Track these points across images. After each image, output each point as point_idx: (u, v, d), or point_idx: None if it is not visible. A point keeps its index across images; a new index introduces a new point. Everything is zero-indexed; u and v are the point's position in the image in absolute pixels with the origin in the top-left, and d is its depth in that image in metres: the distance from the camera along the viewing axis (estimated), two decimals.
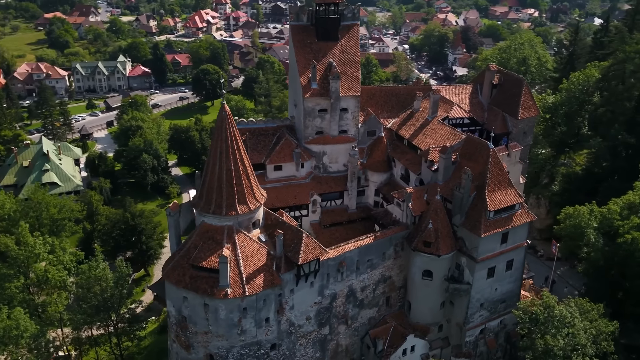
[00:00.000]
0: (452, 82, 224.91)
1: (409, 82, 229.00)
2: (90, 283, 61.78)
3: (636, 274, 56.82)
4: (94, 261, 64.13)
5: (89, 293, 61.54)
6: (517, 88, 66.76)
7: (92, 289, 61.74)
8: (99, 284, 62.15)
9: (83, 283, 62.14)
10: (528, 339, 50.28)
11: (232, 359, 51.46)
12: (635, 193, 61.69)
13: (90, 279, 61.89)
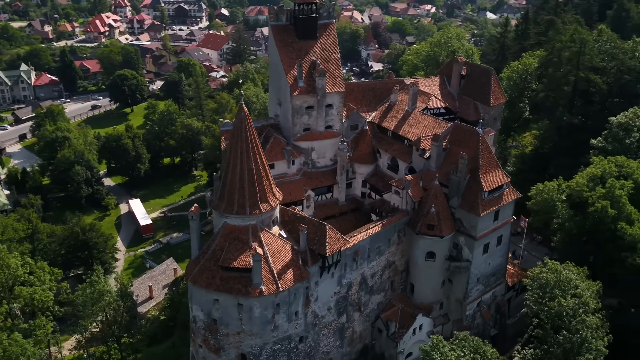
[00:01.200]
0: (369, 77, 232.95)
1: None
2: (95, 298, 59.37)
3: (608, 238, 63.73)
4: (96, 275, 61.61)
5: (94, 308, 59.11)
6: (485, 78, 72.16)
7: (98, 304, 59.37)
8: (103, 298, 59.91)
9: (88, 299, 59.55)
10: (539, 304, 55.22)
11: (265, 356, 52.08)
12: (596, 167, 68.90)
13: (94, 293, 59.47)
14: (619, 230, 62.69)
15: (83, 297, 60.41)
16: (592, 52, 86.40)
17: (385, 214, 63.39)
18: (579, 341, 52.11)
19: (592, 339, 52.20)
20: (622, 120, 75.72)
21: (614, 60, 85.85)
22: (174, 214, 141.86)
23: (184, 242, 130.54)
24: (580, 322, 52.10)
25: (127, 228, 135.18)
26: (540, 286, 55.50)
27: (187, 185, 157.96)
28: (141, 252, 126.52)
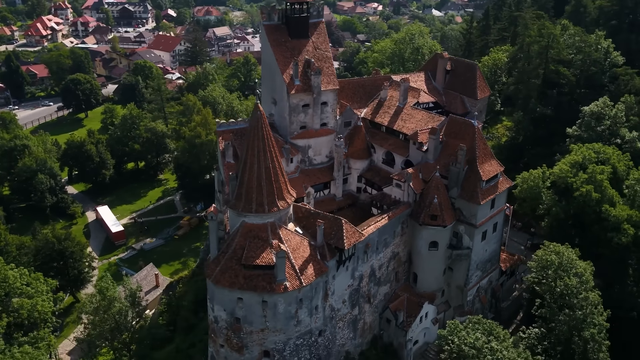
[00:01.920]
0: None
1: None
2: (106, 305, 58.21)
3: (593, 220, 67.84)
4: (104, 282, 60.37)
5: (105, 315, 57.94)
6: (470, 72, 75.10)
7: (109, 311, 58.24)
8: (113, 305, 58.83)
9: (100, 306, 58.29)
10: (544, 285, 58.30)
11: (288, 351, 52.81)
12: (576, 154, 73.05)
13: (105, 300, 58.32)
14: (603, 212, 66.87)
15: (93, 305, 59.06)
16: (559, 46, 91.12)
17: (387, 207, 65.08)
18: (582, 317, 55.50)
19: (594, 314, 55.68)
20: (594, 109, 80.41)
21: (580, 53, 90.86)
22: (144, 219, 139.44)
23: (157, 248, 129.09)
24: (583, 299, 55.47)
25: (97, 236, 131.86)
26: (545, 267, 58.58)
27: (154, 189, 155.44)
28: (115, 260, 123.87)
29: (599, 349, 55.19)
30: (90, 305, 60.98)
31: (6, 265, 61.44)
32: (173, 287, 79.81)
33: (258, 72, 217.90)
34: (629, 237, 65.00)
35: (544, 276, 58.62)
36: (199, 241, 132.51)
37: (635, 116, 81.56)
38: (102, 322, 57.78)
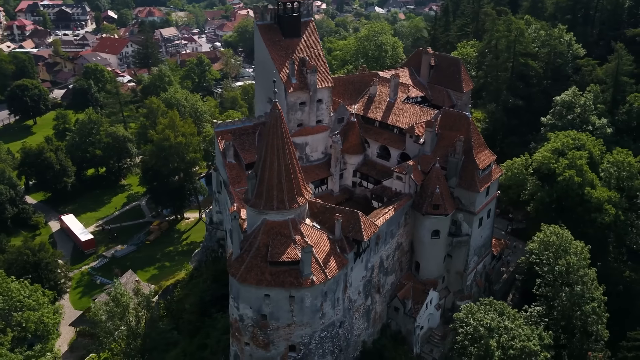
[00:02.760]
0: None
1: (240, 77, 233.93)
2: (122, 312, 57.16)
3: (577, 202, 72.33)
4: (118, 288, 59.24)
5: (121, 322, 56.92)
6: (455, 67, 78.12)
7: (124, 317, 57.25)
8: (128, 311, 57.86)
9: (115, 312, 57.17)
10: (545, 265, 61.81)
11: (314, 344, 53.81)
12: (555, 141, 77.51)
13: (120, 306, 57.28)
14: (585, 195, 71.50)
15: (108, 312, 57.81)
16: (526, 40, 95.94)
17: (388, 199, 67.02)
18: (581, 292, 59.37)
19: (592, 289, 59.68)
20: (566, 98, 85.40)
21: (546, 46, 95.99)
22: (112, 226, 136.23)
23: (130, 254, 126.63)
24: (582, 275, 59.35)
25: (65, 246, 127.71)
26: (547, 247, 62.14)
27: (117, 195, 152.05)
28: (87, 270, 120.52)
29: (599, 321, 59.18)
30: (103, 312, 59.63)
31: (7, 277, 59.22)
32: (170, 291, 78.76)
33: (212, 73, 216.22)
34: (611, 217, 69.78)
35: (545, 256, 62.03)
36: (171, 245, 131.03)
37: (602, 104, 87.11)
38: (115, 329, 56.67)
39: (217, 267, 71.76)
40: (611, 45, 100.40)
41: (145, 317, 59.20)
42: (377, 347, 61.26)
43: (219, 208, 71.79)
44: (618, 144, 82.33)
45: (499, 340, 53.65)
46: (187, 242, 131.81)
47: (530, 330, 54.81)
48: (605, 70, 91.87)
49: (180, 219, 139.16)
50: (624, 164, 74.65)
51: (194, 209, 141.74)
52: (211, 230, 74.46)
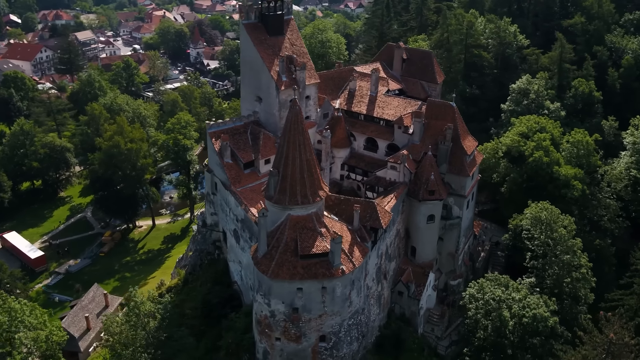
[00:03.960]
0: (207, 75, 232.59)
1: (168, 79, 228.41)
2: (140, 322, 55.45)
3: (547, 180, 78.25)
4: (137, 297, 57.31)
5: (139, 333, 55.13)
6: (427, 59, 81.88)
7: (146, 327, 55.59)
8: (146, 320, 56.23)
9: (135, 322, 55.30)
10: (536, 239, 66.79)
11: (343, 332, 55.40)
12: (521, 124, 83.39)
13: (140, 316, 55.60)
14: (554, 173, 77.66)
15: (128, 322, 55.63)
16: (476, 32, 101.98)
17: (384, 189, 69.61)
18: (569, 261, 64.94)
19: (580, 257, 65.44)
20: (521, 86, 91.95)
21: (496, 38, 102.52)
22: (60, 241, 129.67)
23: (85, 268, 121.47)
24: (571, 245, 64.92)
25: (11, 265, 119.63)
26: (539, 223, 67.19)
27: (58, 209, 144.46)
28: (41, 288, 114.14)
29: (586, 285, 65.01)
30: (120, 324, 57.38)
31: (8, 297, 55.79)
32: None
33: (140, 76, 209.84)
34: (579, 191, 76.40)
35: (536, 231, 67.05)
36: (128, 255, 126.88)
37: (551, 89, 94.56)
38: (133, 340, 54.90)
39: (217, 268, 71.32)
40: (548, 36, 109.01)
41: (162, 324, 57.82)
42: (394, 330, 63.64)
43: (214, 210, 71.21)
44: (568, 126, 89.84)
45: (511, 311, 57.77)
46: (145, 250, 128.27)
47: (536, 298, 59.42)
48: (550, 59, 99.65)
49: (132, 227, 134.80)
50: (582, 143, 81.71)
51: (146, 216, 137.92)
52: (205, 232, 73.63)
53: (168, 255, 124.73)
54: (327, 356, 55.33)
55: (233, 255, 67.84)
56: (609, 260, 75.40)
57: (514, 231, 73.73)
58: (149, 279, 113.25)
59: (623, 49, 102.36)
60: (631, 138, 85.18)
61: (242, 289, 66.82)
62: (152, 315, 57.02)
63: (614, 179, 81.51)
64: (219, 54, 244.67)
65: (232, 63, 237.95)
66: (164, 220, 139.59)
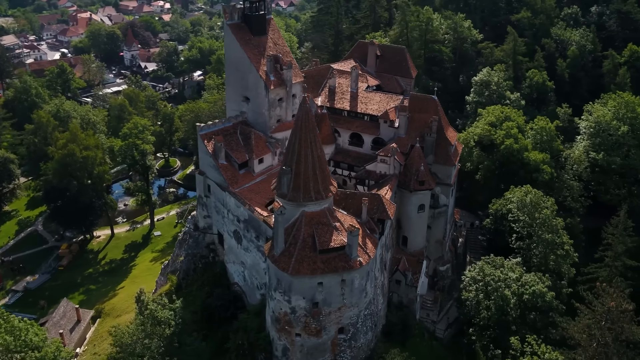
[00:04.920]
0: (146, 78, 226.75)
1: (105, 84, 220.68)
2: (157, 330, 54.17)
3: (518, 166, 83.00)
4: (153, 305, 55.83)
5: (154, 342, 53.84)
6: (401, 55, 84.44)
7: (164, 334, 54.37)
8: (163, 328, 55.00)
9: (150, 330, 53.92)
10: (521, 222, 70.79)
11: (360, 323, 56.86)
12: (488, 114, 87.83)
13: (158, 326, 54.31)
14: (525, 158, 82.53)
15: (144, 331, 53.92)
16: (434, 28, 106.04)
17: (375, 182, 71.52)
18: (552, 239, 69.49)
19: (562, 236, 70.16)
20: (483, 78, 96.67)
21: (453, 33, 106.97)
22: (12, 257, 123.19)
23: (45, 284, 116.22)
24: (555, 224, 69.48)
25: None
26: (524, 205, 71.25)
27: (5, 224, 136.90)
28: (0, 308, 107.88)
29: (568, 261, 69.80)
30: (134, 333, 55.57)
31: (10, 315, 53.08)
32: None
33: (76, 81, 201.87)
34: (548, 175, 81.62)
35: (523, 213, 71.14)
36: (90, 267, 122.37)
37: (509, 81, 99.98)
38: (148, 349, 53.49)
39: (214, 271, 70.69)
40: (496, 31, 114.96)
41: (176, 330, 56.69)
42: (400, 317, 65.65)
43: (207, 212, 70.55)
44: (527, 114, 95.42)
45: (511, 290, 61.30)
46: (107, 261, 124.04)
47: (532, 276, 63.29)
48: (505, 52, 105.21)
49: (90, 238, 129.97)
50: (545, 129, 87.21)
51: (103, 226, 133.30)
52: (198, 236, 72.71)
53: (133, 264, 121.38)
54: (346, 347, 56.62)
55: (233, 256, 67.59)
56: (579, 237, 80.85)
57: (495, 215, 77.70)
58: (118, 290, 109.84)
59: (567, 41, 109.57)
60: (586, 123, 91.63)
61: (244, 290, 66.75)
62: (167, 322, 55.89)
63: (576, 162, 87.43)
64: (155, 56, 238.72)
65: (170, 65, 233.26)
66: (122, 228, 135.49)
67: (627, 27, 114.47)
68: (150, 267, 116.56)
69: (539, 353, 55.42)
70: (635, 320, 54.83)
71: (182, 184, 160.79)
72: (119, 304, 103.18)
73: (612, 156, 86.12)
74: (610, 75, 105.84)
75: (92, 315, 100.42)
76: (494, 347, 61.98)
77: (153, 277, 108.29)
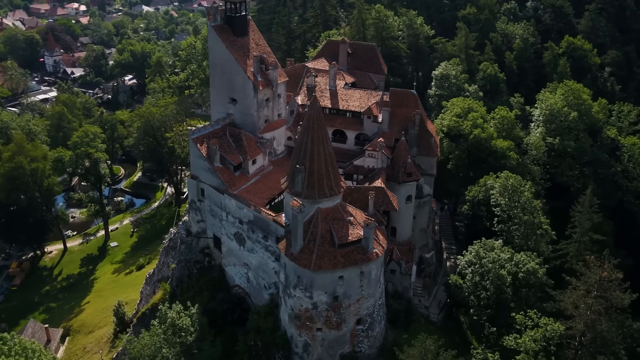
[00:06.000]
0: (74, 84, 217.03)
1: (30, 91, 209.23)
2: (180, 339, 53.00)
3: (487, 154, 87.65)
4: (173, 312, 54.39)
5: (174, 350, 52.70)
6: (372, 52, 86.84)
7: (187, 341, 53.23)
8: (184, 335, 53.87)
9: (169, 337, 52.65)
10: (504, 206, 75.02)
11: (375, 312, 58.59)
12: (454, 106, 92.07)
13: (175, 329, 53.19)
14: (492, 146, 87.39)
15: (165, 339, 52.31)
16: (390, 25, 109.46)
17: (364, 176, 73.41)
18: (532, 220, 74.34)
19: (540, 216, 75.19)
20: (444, 71, 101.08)
21: (408, 29, 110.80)
22: None
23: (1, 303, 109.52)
24: (535, 206, 74.35)
25: None
26: (506, 190, 75.52)
27: None
28: None
29: (546, 239, 74.96)
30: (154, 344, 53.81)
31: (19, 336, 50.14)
32: (147, 318, 72.45)
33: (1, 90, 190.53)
34: (515, 160, 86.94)
35: (504, 197, 75.47)
36: (46, 284, 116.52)
37: (466, 73, 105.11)
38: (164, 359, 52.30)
39: (212, 275, 69.93)
40: (443, 26, 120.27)
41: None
42: (404, 305, 67.92)
43: (201, 216, 69.66)
44: (484, 105, 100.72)
45: (505, 269, 65.23)
46: (63, 276, 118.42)
47: (523, 255, 67.50)
48: (458, 47, 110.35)
49: (41, 254, 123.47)
50: (506, 118, 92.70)
51: (53, 240, 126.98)
52: (191, 241, 71.48)
53: (93, 277, 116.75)
54: (363, 337, 58.22)
55: (233, 259, 67.22)
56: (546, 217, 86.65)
57: (472, 201, 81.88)
58: (84, 305, 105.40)
59: (512, 35, 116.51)
60: (539, 111, 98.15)
61: (248, 292, 66.60)
62: (188, 329, 54.97)
63: (535, 147, 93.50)
64: (82, 60, 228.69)
65: (99, 70, 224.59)
66: (74, 242, 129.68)
67: (560, 20, 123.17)
68: (114, 279, 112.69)
69: (541, 325, 59.56)
70: (622, 288, 60.06)
71: (130, 192, 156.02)
72: (89, 320, 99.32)
73: (566, 140, 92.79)
74: (550, 66, 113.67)
75: (62, 333, 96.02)
76: (490, 325, 65.68)
77: (120, 289, 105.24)
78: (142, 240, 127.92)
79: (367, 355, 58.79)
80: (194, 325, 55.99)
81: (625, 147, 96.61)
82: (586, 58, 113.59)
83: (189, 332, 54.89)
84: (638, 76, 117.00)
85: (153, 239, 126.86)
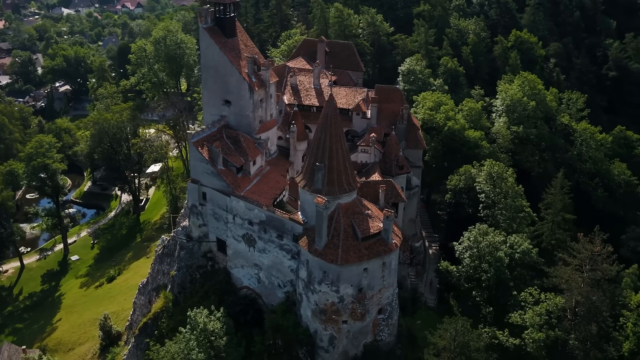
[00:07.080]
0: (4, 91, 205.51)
1: None
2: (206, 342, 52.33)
3: (460, 144, 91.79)
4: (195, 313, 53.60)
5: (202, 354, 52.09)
6: (349, 50, 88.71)
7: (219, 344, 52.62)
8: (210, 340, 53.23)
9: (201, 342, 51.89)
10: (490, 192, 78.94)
11: (394, 301, 60.57)
12: (426, 100, 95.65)
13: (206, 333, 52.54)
14: (465, 137, 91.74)
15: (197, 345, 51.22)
16: (352, 23, 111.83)
17: (358, 171, 75.07)
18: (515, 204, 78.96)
19: (522, 200, 79.95)
20: (410, 67, 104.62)
21: (370, 27, 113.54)
22: None
23: None
24: (517, 191, 78.96)
25: None
26: (491, 177, 79.55)
27: None
28: None
29: (528, 221, 79.88)
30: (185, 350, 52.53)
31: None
32: (149, 328, 70.43)
33: None
34: (488, 149, 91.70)
35: (488, 185, 79.53)
36: (8, 305, 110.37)
37: (428, 68, 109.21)
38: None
39: (218, 279, 69.31)
40: (397, 23, 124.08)
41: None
42: (410, 292, 70.34)
43: (203, 221, 68.91)
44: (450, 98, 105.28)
45: (503, 251, 69.18)
46: (25, 295, 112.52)
47: (516, 237, 71.68)
48: (418, 42, 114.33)
49: None
50: (474, 109, 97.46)
51: (8, 258, 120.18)
52: (192, 246, 70.40)
53: (59, 293, 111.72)
54: (384, 326, 60.04)
55: (241, 260, 66.95)
56: None
57: (454, 190, 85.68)
58: (55, 323, 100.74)
59: (465, 30, 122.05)
60: (501, 101, 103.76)
61: (259, 292, 66.62)
62: (219, 333, 54.50)
63: (502, 136, 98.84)
64: (7, 67, 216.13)
65: (27, 77, 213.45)
66: (31, 258, 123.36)
67: (505, 15, 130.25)
68: (84, 293, 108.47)
69: (542, 300, 63.86)
70: (610, 260, 65.46)
71: (80, 203, 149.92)
72: (66, 337, 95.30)
73: (528, 128, 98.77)
74: (501, 59, 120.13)
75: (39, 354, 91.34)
76: (490, 305, 69.54)
77: (94, 303, 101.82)
78: (104, 251, 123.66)
79: (387, 343, 60.64)
80: (222, 328, 55.64)
81: (577, 132, 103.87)
82: (533, 50, 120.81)
83: (219, 335, 54.52)
84: (578, 66, 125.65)
85: (116, 249, 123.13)
